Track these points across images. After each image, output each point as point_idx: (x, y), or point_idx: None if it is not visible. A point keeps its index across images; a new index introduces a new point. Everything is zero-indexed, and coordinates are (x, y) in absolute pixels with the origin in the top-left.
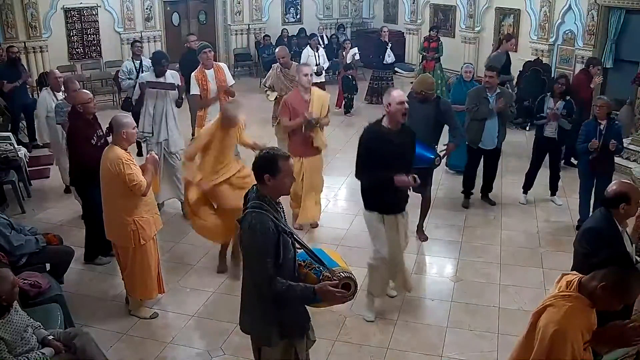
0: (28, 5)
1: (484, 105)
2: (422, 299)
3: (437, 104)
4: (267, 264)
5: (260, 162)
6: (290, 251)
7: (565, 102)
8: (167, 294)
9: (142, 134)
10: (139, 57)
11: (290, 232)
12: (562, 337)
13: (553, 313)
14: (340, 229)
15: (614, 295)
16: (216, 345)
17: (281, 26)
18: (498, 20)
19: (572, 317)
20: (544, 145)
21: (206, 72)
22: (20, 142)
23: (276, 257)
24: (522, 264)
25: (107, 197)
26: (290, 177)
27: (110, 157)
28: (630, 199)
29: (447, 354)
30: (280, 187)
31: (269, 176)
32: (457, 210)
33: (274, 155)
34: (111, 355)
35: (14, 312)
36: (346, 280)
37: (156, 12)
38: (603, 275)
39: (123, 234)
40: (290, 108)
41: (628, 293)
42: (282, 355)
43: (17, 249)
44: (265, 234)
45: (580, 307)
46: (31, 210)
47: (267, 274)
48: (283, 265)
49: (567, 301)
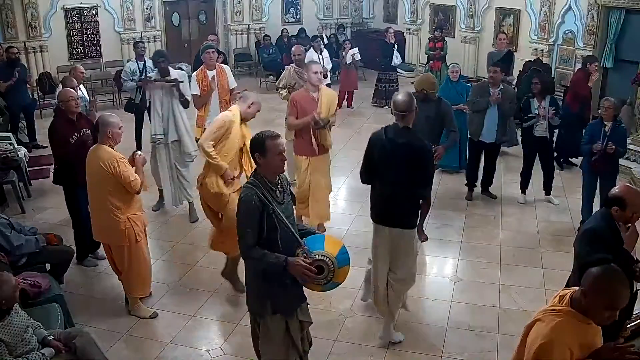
0: (28, 5)
1: (483, 97)
2: (422, 299)
3: (439, 104)
4: (247, 233)
5: (251, 143)
6: (277, 229)
7: (550, 100)
8: (167, 294)
9: (154, 137)
10: (142, 57)
11: (274, 210)
12: (546, 352)
13: (541, 327)
14: (340, 229)
15: (596, 298)
16: (216, 345)
17: (281, 26)
18: (498, 20)
19: (560, 332)
20: (535, 144)
21: (207, 72)
22: (20, 142)
23: (259, 230)
24: (522, 264)
25: (96, 198)
26: (279, 155)
27: (104, 156)
28: (625, 205)
29: (447, 354)
30: (272, 165)
31: (259, 155)
32: (457, 210)
33: (262, 136)
34: (111, 355)
35: (14, 314)
36: (319, 262)
37: (156, 12)
38: (582, 281)
39: (116, 233)
40: (298, 106)
41: (608, 292)
42: (275, 329)
43: (17, 249)
44: (247, 207)
45: (570, 322)
46: (31, 210)
47: (245, 243)
48: (270, 241)
49: (556, 316)
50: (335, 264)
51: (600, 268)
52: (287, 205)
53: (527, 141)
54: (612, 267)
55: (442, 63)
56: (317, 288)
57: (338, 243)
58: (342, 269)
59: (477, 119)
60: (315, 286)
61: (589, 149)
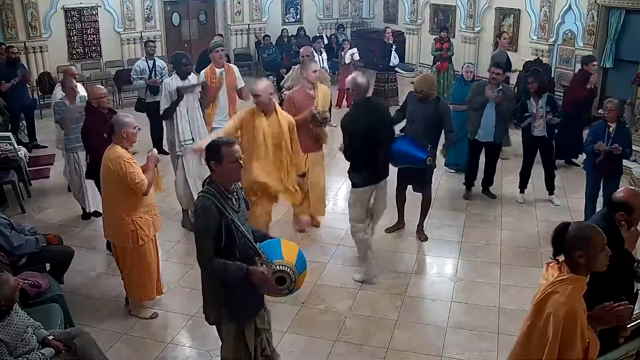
0: (28, 5)
1: (480, 95)
2: (422, 299)
3: (437, 104)
4: (205, 243)
5: (206, 151)
6: (235, 239)
7: (546, 99)
8: (167, 294)
9: (184, 144)
10: (152, 56)
11: (232, 219)
12: (572, 318)
13: (559, 298)
14: (341, 229)
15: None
16: (216, 345)
17: (281, 26)
18: (498, 20)
19: (576, 297)
20: (534, 144)
21: (217, 70)
22: (20, 142)
23: (218, 240)
24: (522, 264)
25: (106, 197)
26: (234, 162)
27: (111, 156)
28: (632, 210)
29: (447, 354)
30: (227, 173)
31: (214, 163)
32: (457, 210)
33: (217, 143)
34: (111, 355)
35: (14, 314)
36: (281, 274)
37: (156, 12)
38: (568, 249)
39: (121, 234)
40: (295, 104)
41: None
42: (233, 336)
43: (17, 249)
44: (205, 217)
45: (579, 287)
46: (31, 210)
47: (205, 253)
48: (228, 251)
49: (567, 284)
50: (295, 273)
51: (571, 229)
52: (242, 212)
53: (526, 141)
54: (576, 223)
55: (449, 64)
56: (277, 296)
57: (294, 248)
58: (302, 275)
59: (474, 116)
60: (276, 294)
61: (592, 150)
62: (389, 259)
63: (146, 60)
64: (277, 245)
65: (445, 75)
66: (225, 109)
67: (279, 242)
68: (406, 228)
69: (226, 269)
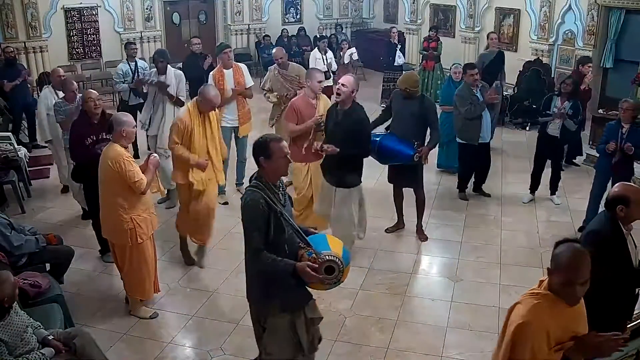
0: (28, 5)
1: (475, 103)
2: (422, 299)
3: (422, 101)
4: (255, 237)
5: (254, 147)
6: (283, 231)
7: (572, 103)
8: (167, 294)
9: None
10: (133, 59)
11: (281, 212)
12: (522, 333)
13: (519, 310)
14: None
15: (558, 274)
16: (216, 345)
17: (281, 26)
18: (498, 20)
19: (537, 314)
20: (546, 142)
21: (225, 72)
22: (21, 142)
23: (267, 232)
24: (522, 264)
25: (104, 195)
26: (283, 158)
27: (111, 155)
28: (629, 202)
29: (447, 354)
30: (276, 168)
31: (264, 158)
32: (457, 210)
33: (266, 139)
34: (111, 355)
35: (14, 314)
36: (329, 263)
37: (156, 12)
38: (551, 265)
39: (120, 232)
40: (297, 113)
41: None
42: (281, 328)
43: (17, 249)
44: (255, 210)
45: (548, 305)
46: (31, 210)
47: (254, 246)
48: (276, 243)
49: (534, 298)
50: (343, 264)
51: (561, 246)
52: (288, 207)
53: (539, 137)
54: (571, 245)
55: (436, 63)
56: (322, 287)
57: (339, 243)
58: (347, 268)
59: (473, 124)
60: (320, 285)
61: (604, 149)
62: (389, 259)
63: (128, 63)
64: (323, 239)
65: (430, 74)
66: (235, 109)
67: (324, 236)
68: (406, 228)
69: (274, 264)
